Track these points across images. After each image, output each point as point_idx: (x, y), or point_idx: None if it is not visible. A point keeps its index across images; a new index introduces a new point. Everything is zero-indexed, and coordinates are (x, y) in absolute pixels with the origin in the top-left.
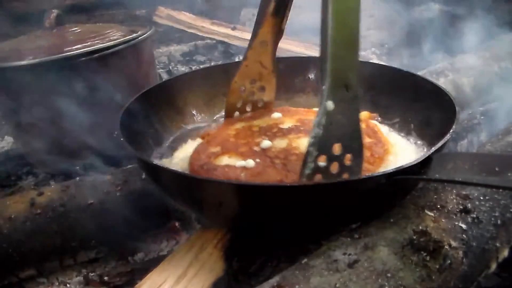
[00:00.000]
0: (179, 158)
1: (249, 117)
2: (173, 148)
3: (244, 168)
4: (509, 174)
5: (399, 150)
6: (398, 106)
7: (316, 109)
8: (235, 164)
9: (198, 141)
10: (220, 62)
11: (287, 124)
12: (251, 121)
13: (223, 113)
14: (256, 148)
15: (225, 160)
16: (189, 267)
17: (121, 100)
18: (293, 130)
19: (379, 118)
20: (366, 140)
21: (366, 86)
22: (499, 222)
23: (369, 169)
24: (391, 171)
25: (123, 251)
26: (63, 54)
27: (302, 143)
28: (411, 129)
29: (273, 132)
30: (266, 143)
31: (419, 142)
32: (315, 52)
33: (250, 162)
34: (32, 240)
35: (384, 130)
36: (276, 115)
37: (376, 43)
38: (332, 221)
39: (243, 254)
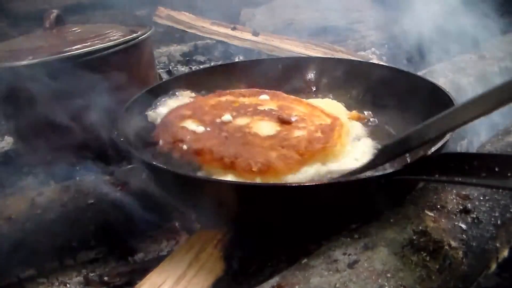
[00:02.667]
0: (160, 113)
1: (239, 94)
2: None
3: (193, 132)
4: (509, 174)
5: (350, 155)
6: (398, 106)
7: (311, 100)
8: (189, 127)
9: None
10: (220, 62)
11: (266, 106)
12: (239, 97)
13: None
14: (218, 120)
15: (187, 123)
16: (189, 268)
17: (121, 100)
18: (264, 112)
19: (374, 119)
20: (315, 134)
21: (366, 86)
22: (499, 222)
23: (292, 157)
24: (391, 171)
25: (123, 251)
26: (63, 54)
27: (260, 125)
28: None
29: (247, 110)
30: (226, 117)
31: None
32: (315, 52)
33: (200, 128)
34: (32, 240)
35: (361, 132)
36: (264, 97)
37: (376, 43)
38: (332, 221)
39: (243, 254)
